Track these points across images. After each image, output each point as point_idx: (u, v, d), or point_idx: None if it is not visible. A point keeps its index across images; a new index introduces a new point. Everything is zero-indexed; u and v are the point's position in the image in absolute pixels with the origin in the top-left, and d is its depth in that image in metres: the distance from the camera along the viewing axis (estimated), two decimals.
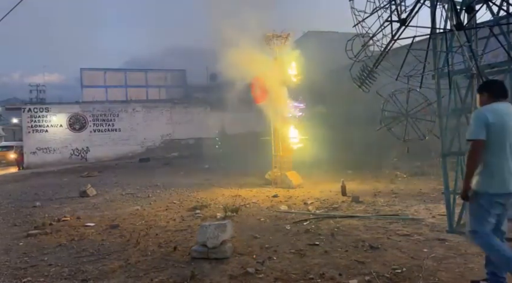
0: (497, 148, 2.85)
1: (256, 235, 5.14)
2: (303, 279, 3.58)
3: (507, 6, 4.43)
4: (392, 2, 4.62)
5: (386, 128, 5.91)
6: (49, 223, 6.67)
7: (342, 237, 4.88)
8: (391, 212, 6.26)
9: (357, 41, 5.36)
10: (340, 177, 9.18)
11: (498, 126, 2.83)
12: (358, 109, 17.59)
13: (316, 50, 20.24)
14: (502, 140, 2.84)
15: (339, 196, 8.00)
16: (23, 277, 4.01)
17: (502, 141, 2.84)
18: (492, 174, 2.86)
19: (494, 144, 2.85)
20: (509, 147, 2.86)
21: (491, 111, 2.89)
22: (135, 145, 26.68)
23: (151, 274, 3.91)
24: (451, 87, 4.80)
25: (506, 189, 2.83)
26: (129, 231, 5.76)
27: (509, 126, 2.85)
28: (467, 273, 3.50)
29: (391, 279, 3.46)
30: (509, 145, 2.86)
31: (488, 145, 2.85)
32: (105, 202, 8.82)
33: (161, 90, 39.74)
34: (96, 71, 39.94)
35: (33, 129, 24.77)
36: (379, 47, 5.01)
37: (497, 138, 2.84)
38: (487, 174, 2.88)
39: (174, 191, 10.06)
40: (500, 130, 2.84)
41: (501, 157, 2.85)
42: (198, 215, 6.71)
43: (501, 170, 2.84)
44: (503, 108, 2.93)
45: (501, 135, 2.83)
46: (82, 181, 13.66)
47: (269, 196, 8.43)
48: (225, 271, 3.85)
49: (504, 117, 2.87)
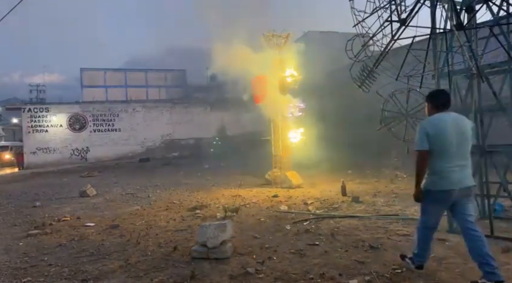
0: (440, 154, 3.28)
1: (256, 235, 5.14)
2: (303, 279, 3.58)
3: (507, 6, 4.43)
4: (392, 2, 4.62)
5: (386, 128, 5.91)
6: (49, 223, 6.67)
7: (342, 237, 4.88)
8: (391, 212, 6.26)
9: (357, 41, 5.37)
10: (340, 177, 9.19)
11: (438, 136, 3.27)
12: (358, 109, 17.58)
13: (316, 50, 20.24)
14: (444, 147, 3.27)
15: (339, 196, 7.99)
16: (23, 277, 4.01)
17: (444, 148, 3.27)
18: (436, 175, 3.30)
19: (437, 151, 3.28)
20: (453, 151, 3.26)
21: (431, 124, 3.35)
22: (135, 146, 26.69)
23: (151, 274, 3.91)
24: (451, 87, 4.80)
25: (449, 186, 3.25)
26: (129, 231, 5.76)
27: (449, 135, 3.26)
28: (467, 273, 3.50)
29: (391, 279, 3.46)
30: (453, 150, 3.26)
31: (432, 152, 3.29)
32: (105, 202, 8.82)
33: (161, 90, 39.75)
34: (96, 71, 39.99)
35: (33, 129, 24.78)
36: (379, 47, 5.01)
37: (439, 146, 3.27)
38: (432, 175, 3.33)
39: (174, 191, 10.07)
40: (441, 139, 3.26)
41: (445, 162, 3.27)
42: (198, 215, 6.71)
43: (444, 171, 3.27)
44: (444, 118, 3.34)
45: (442, 143, 3.26)
46: (82, 181, 13.66)
47: (269, 196, 8.43)
48: (225, 271, 3.85)
49: (445, 127, 3.29)
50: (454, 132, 3.27)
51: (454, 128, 3.29)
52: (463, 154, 3.30)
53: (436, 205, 3.39)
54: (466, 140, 3.31)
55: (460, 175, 3.27)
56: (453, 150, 3.26)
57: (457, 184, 3.26)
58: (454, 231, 4.76)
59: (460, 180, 3.27)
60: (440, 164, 3.29)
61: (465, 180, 3.30)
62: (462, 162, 3.29)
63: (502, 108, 4.57)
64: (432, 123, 3.35)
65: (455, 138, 3.26)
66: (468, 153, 3.34)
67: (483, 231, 4.66)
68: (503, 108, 4.56)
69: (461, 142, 3.29)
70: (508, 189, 4.77)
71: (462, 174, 3.28)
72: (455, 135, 3.27)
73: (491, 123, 5.08)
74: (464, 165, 3.30)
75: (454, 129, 3.29)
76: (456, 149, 3.26)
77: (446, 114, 3.38)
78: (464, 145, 3.31)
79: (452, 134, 3.27)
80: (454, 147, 3.26)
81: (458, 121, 3.36)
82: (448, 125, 3.29)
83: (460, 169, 3.27)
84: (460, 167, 3.27)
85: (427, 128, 3.31)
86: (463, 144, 3.30)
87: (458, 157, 3.28)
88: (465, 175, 3.30)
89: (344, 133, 16.47)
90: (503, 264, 3.64)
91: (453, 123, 3.31)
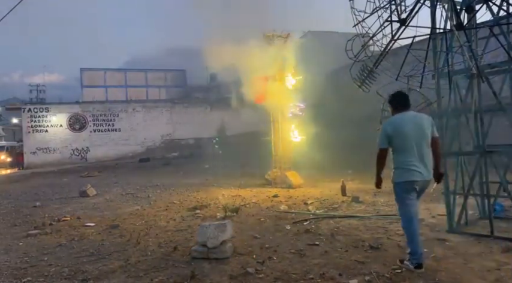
0: (401, 150, 3.71)
1: (256, 235, 5.14)
2: (303, 279, 3.58)
3: (507, 6, 4.43)
4: (392, 2, 4.62)
5: None
6: (49, 223, 6.67)
7: (342, 237, 4.88)
8: (391, 212, 6.25)
9: (357, 41, 5.36)
10: (340, 177, 9.18)
11: (398, 134, 3.69)
12: (358, 109, 17.58)
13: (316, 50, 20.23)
14: (404, 144, 3.68)
15: (339, 196, 7.99)
16: (23, 277, 4.00)
17: (404, 145, 3.68)
18: (400, 168, 3.74)
19: (399, 148, 3.73)
20: (414, 147, 3.65)
21: (391, 124, 3.78)
22: (135, 145, 26.70)
23: (151, 274, 3.91)
24: (451, 87, 4.80)
25: (412, 178, 3.66)
26: (129, 231, 5.75)
27: (408, 133, 3.67)
28: (467, 273, 3.50)
29: (391, 279, 3.46)
30: (414, 146, 3.65)
31: (394, 149, 3.77)
32: (105, 202, 8.82)
33: (161, 90, 39.73)
34: (96, 71, 39.94)
35: (33, 129, 24.79)
36: (379, 47, 5.01)
37: (399, 143, 3.70)
38: (397, 169, 3.78)
39: (174, 191, 10.07)
40: (400, 137, 3.69)
41: (406, 157, 3.68)
42: (198, 215, 6.71)
43: (407, 165, 3.67)
44: (403, 117, 3.76)
45: (402, 141, 3.68)
46: (82, 181, 13.67)
47: (269, 196, 8.43)
48: (225, 271, 3.85)
49: (403, 126, 3.70)
50: (412, 130, 3.66)
51: (412, 126, 3.68)
52: (422, 149, 3.67)
53: (406, 194, 3.75)
54: (424, 136, 3.69)
55: (420, 169, 3.65)
56: (412, 146, 3.65)
57: (418, 176, 3.65)
58: (454, 231, 4.77)
59: (421, 173, 3.65)
60: (402, 159, 3.71)
61: (425, 173, 3.67)
62: (421, 156, 3.66)
63: (502, 108, 4.56)
64: (392, 124, 3.78)
65: (414, 135, 3.65)
66: (427, 147, 3.71)
67: (483, 231, 4.69)
68: (503, 108, 4.56)
69: (419, 138, 3.67)
70: (508, 189, 4.77)
71: (421, 167, 3.65)
72: (413, 133, 3.66)
73: (491, 123, 5.08)
74: (423, 159, 3.67)
75: (412, 127, 3.67)
76: (415, 145, 3.65)
77: (405, 114, 3.78)
78: (423, 140, 3.68)
79: (411, 131, 3.66)
80: (414, 143, 3.64)
81: (417, 119, 3.74)
82: (406, 123, 3.69)
83: (420, 163, 3.65)
84: (419, 161, 3.65)
85: (387, 128, 3.76)
86: (422, 139, 3.68)
87: (417, 152, 3.66)
88: (425, 169, 3.67)
89: (344, 133, 16.47)
90: (503, 264, 3.64)
91: (411, 121, 3.71)
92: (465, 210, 4.98)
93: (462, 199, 4.98)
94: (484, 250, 4.06)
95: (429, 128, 3.72)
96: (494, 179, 4.96)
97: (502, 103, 4.57)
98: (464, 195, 4.96)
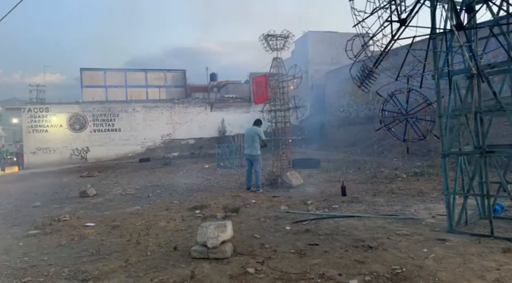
0: (246, 141, 9.57)
1: (256, 235, 5.14)
2: (303, 279, 3.58)
3: (507, 6, 4.42)
4: (392, 2, 4.62)
5: (386, 128, 5.90)
6: (49, 223, 6.67)
7: (341, 237, 4.88)
8: (391, 212, 6.26)
9: (357, 41, 5.36)
10: (340, 177, 9.18)
11: (246, 135, 9.63)
12: (358, 109, 17.59)
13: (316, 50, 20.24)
14: (246, 139, 9.54)
15: (339, 196, 7.99)
16: (23, 277, 4.00)
17: (247, 140, 9.52)
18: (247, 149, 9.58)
19: (246, 141, 9.59)
20: (249, 140, 9.35)
21: (246, 130, 9.86)
22: (135, 145, 26.70)
23: (151, 274, 3.91)
24: (451, 87, 4.80)
25: (246, 154, 9.59)
26: (129, 231, 5.76)
27: (246, 135, 9.66)
28: (467, 273, 3.50)
29: (391, 279, 3.46)
30: (249, 140, 9.36)
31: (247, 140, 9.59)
32: (105, 202, 8.83)
33: (161, 90, 39.68)
34: (96, 71, 39.90)
35: (33, 129, 24.79)
36: (379, 47, 5.01)
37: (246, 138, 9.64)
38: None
39: (174, 191, 10.07)
40: (246, 136, 9.65)
41: (247, 144, 9.51)
42: (198, 215, 6.71)
43: (246, 148, 9.52)
44: (249, 128, 9.69)
45: (246, 138, 9.63)
46: (82, 181, 13.68)
47: (269, 196, 8.43)
48: (225, 271, 3.85)
49: (247, 132, 9.64)
50: (248, 134, 9.44)
51: (248, 132, 9.47)
52: (251, 143, 9.30)
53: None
54: (252, 137, 9.28)
55: (247, 150, 9.42)
56: (249, 140, 9.36)
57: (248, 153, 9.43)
58: (454, 231, 4.77)
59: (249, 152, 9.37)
60: (246, 145, 9.53)
61: (251, 152, 9.29)
62: (250, 145, 9.34)
63: (502, 108, 4.56)
64: (246, 130, 9.77)
65: (248, 136, 9.43)
66: (254, 142, 9.27)
67: (483, 231, 4.69)
68: (503, 108, 4.56)
69: (250, 138, 9.33)
70: (508, 189, 4.77)
71: (249, 149, 9.35)
72: (248, 135, 9.42)
73: (491, 123, 5.08)
74: (250, 146, 9.33)
75: (249, 132, 9.44)
76: (247, 140, 9.38)
77: (251, 127, 9.54)
78: (251, 139, 9.32)
79: (248, 134, 9.46)
80: (249, 139, 9.36)
81: (251, 129, 9.42)
82: (248, 131, 9.56)
83: (248, 147, 9.36)
84: (249, 147, 9.37)
85: (251, 132, 9.46)
86: (251, 139, 9.30)
87: (247, 143, 9.41)
88: (251, 150, 9.30)
89: (344, 133, 16.48)
90: (503, 264, 3.64)
91: (249, 130, 9.52)
92: (465, 210, 4.98)
93: (462, 199, 4.98)
94: (484, 250, 4.06)
95: (256, 134, 9.16)
96: (494, 179, 4.96)
97: (502, 103, 4.57)
98: (464, 195, 4.96)
